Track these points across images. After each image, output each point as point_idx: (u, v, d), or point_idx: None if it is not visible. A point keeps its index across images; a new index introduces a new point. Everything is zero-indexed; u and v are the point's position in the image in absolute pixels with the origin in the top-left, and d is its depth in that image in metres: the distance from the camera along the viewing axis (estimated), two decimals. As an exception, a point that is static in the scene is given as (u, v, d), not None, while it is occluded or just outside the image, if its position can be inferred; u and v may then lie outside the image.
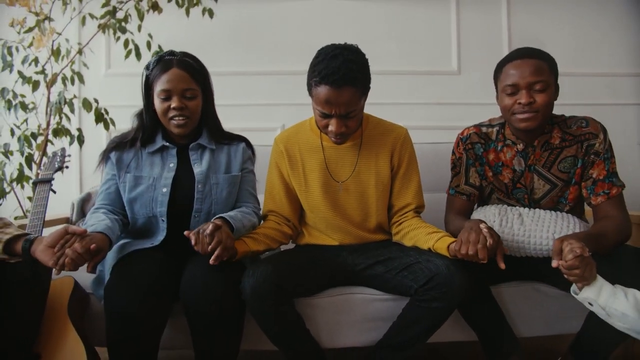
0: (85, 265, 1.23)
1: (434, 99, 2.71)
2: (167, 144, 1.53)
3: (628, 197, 1.56)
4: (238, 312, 1.34)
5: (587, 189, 1.50)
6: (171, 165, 1.51)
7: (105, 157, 1.55)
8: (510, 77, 1.44)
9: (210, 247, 1.26)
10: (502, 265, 1.26)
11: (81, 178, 2.59)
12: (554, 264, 1.18)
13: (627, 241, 1.42)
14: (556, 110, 1.54)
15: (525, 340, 1.54)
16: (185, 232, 1.30)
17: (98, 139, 2.46)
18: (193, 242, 1.27)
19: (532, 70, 1.41)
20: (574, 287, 1.23)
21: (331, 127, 1.37)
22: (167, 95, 1.45)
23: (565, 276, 1.19)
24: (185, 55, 1.51)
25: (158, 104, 1.47)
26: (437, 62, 2.74)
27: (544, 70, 1.42)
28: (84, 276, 1.48)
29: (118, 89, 2.55)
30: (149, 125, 1.53)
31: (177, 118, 1.47)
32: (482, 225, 1.28)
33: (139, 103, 1.55)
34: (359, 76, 1.33)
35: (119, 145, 1.54)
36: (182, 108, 1.46)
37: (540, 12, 2.78)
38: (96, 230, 1.31)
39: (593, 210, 1.50)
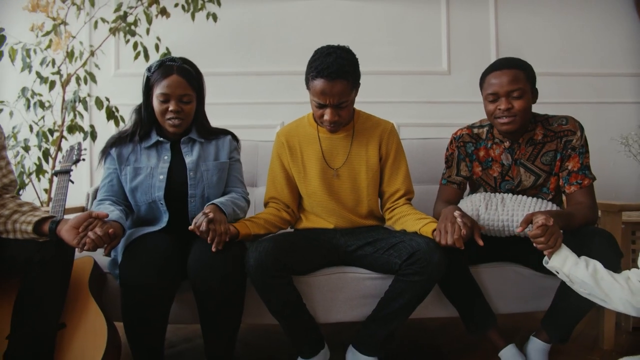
0: (101, 249, 1.38)
1: (426, 97, 2.86)
2: (162, 139, 1.68)
3: (602, 186, 1.72)
4: (240, 287, 1.49)
5: (562, 179, 1.66)
6: (165, 157, 1.66)
7: (105, 153, 1.70)
8: (491, 87, 1.61)
9: (209, 239, 1.42)
10: (480, 243, 1.43)
11: (91, 171, 2.74)
12: (519, 229, 1.35)
13: (594, 224, 1.58)
14: (542, 108, 1.71)
15: (502, 316, 1.70)
16: (189, 228, 1.45)
17: (108, 134, 2.61)
18: (198, 234, 1.43)
19: (509, 80, 1.57)
20: (545, 258, 1.38)
21: (326, 116, 1.55)
22: (166, 99, 1.60)
23: (534, 244, 1.34)
24: (185, 62, 1.65)
25: (157, 105, 1.62)
26: (429, 62, 2.89)
27: (520, 79, 1.58)
28: (101, 258, 1.64)
29: (126, 88, 2.69)
30: (146, 121, 1.68)
31: (173, 120, 1.62)
32: (456, 214, 1.44)
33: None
34: (349, 71, 1.51)
35: (118, 141, 1.69)
36: (178, 111, 1.61)
37: (526, 16, 2.93)
38: (111, 219, 1.46)
39: (567, 198, 1.66)
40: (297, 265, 1.54)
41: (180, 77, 1.61)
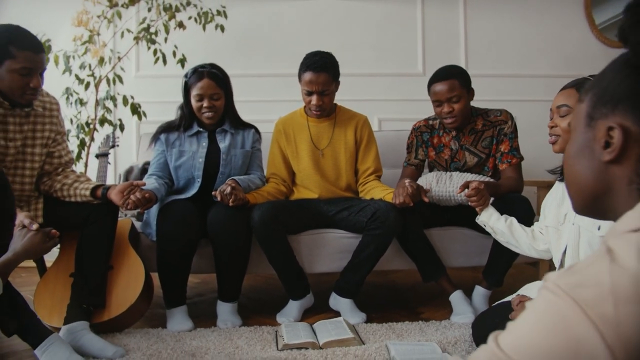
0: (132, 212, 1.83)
1: (403, 96, 3.30)
2: (201, 129, 2.12)
3: (531, 167, 2.16)
4: (247, 241, 1.94)
5: (497, 159, 2.11)
6: (204, 144, 2.11)
7: (155, 138, 2.14)
8: (434, 95, 2.06)
9: (231, 199, 1.86)
10: (426, 200, 1.88)
11: (115, 156, 3.17)
12: (458, 191, 1.79)
13: (519, 193, 2.03)
14: (505, 105, 2.18)
15: (451, 270, 2.13)
16: (213, 193, 1.90)
17: (133, 127, 3.07)
18: (219, 199, 1.87)
19: (447, 89, 2.01)
20: (478, 216, 1.82)
21: (313, 102, 2.03)
22: (200, 98, 2.04)
23: (469, 203, 1.78)
24: (213, 67, 2.08)
25: (194, 103, 2.06)
26: (406, 65, 3.33)
27: (456, 86, 2.02)
28: (136, 223, 2.09)
29: (145, 88, 3.13)
30: (187, 116, 2.12)
31: (207, 113, 2.06)
32: (406, 182, 1.89)
33: (162, 99, 2.17)
34: (331, 67, 2.02)
35: (166, 129, 2.13)
36: (211, 107, 2.04)
37: (492, 24, 3.37)
38: (147, 189, 1.91)
39: (501, 173, 2.10)
40: (289, 224, 1.99)
41: (210, 79, 2.03)
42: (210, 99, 2.04)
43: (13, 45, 1.58)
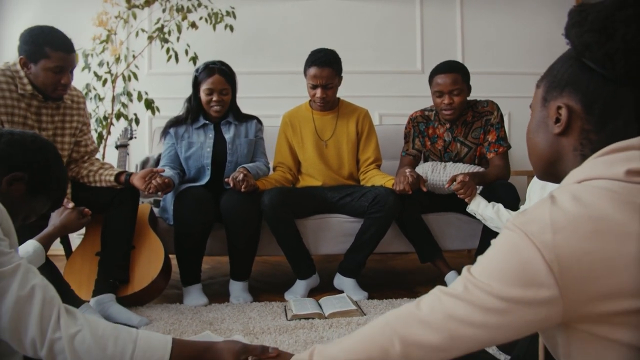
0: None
1: (403, 93, 3.46)
2: (207, 122, 2.29)
3: (524, 158, 2.31)
4: (257, 224, 2.11)
5: (485, 148, 2.26)
6: (210, 135, 2.27)
7: (165, 132, 2.30)
8: (437, 86, 2.20)
9: (243, 185, 2.02)
10: (424, 189, 2.04)
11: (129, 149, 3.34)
12: (446, 185, 1.95)
13: (506, 180, 2.18)
14: (499, 101, 2.32)
15: (446, 252, 2.29)
16: (226, 179, 2.07)
17: (146, 121, 3.25)
18: (232, 185, 2.03)
19: (450, 82, 2.16)
20: (468, 205, 1.98)
21: (317, 94, 2.19)
22: (210, 92, 2.20)
23: (457, 195, 1.94)
24: (222, 64, 2.23)
25: (204, 97, 2.21)
26: (406, 64, 3.49)
27: (458, 80, 2.17)
28: (154, 209, 2.26)
29: (157, 85, 3.29)
30: (194, 109, 2.28)
31: (215, 107, 2.22)
32: (406, 171, 2.05)
33: (172, 96, 2.31)
34: (334, 62, 2.19)
35: (175, 123, 2.29)
36: (219, 101, 2.21)
37: (488, 24, 3.53)
38: (166, 175, 2.07)
39: (489, 162, 2.26)
40: (296, 209, 2.15)
41: (220, 76, 2.19)
42: (219, 94, 2.20)
43: (48, 46, 1.75)
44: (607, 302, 0.61)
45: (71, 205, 1.59)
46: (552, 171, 0.81)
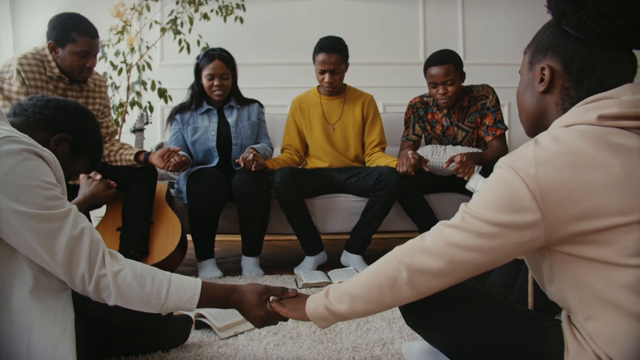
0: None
1: (406, 83, 3.57)
2: (210, 107, 2.40)
3: (518, 144, 2.43)
4: (267, 201, 2.23)
5: (482, 131, 2.37)
6: (214, 120, 2.38)
7: (171, 119, 2.41)
8: (431, 77, 2.30)
9: (254, 165, 2.14)
10: (426, 169, 2.15)
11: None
12: (444, 166, 2.07)
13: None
14: (499, 91, 2.42)
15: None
16: (236, 160, 2.18)
17: (159, 109, 3.37)
18: (242, 165, 2.15)
19: (443, 73, 2.26)
20: (467, 183, 2.09)
21: (325, 79, 2.31)
22: (211, 77, 2.31)
23: (457, 174, 2.06)
24: (222, 50, 2.34)
25: (205, 82, 2.32)
26: (408, 55, 3.61)
27: (451, 70, 2.26)
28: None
29: (169, 75, 3.41)
30: (198, 95, 2.39)
31: (217, 91, 2.33)
32: (409, 152, 2.16)
33: (183, 85, 2.42)
34: (341, 48, 2.30)
35: (180, 110, 2.40)
36: (220, 85, 2.32)
37: (487, 17, 3.64)
38: (182, 154, 2.19)
39: (487, 145, 2.37)
40: (305, 188, 2.27)
41: (220, 61, 2.31)
42: (220, 79, 2.31)
43: (75, 31, 1.87)
44: (581, 223, 0.73)
45: (99, 176, 1.71)
46: (539, 125, 0.92)
